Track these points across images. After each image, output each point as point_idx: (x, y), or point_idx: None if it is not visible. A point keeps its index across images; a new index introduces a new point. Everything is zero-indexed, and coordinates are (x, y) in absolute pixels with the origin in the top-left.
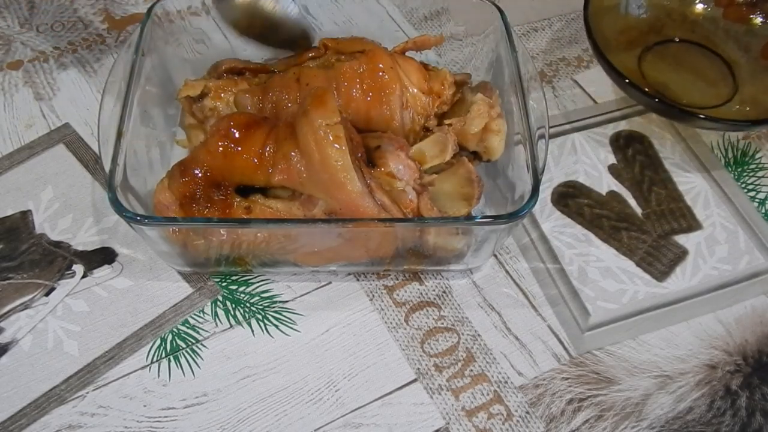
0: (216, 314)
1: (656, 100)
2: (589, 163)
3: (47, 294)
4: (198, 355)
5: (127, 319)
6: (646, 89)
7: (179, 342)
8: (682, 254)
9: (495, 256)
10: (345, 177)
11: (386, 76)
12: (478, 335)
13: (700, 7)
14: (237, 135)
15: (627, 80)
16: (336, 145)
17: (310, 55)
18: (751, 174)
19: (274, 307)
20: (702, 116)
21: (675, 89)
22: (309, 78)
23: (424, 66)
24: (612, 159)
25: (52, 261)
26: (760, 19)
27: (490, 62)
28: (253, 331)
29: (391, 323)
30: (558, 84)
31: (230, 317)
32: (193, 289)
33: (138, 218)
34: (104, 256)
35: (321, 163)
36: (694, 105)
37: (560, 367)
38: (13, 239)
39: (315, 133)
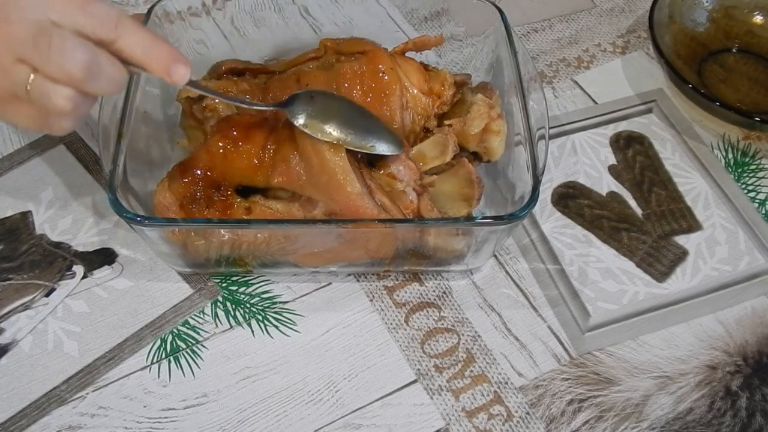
0: (216, 315)
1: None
2: (589, 163)
3: (47, 295)
4: (198, 355)
5: (127, 320)
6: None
7: (179, 343)
8: (682, 255)
9: (495, 256)
10: (344, 179)
11: (386, 77)
12: (478, 336)
13: (759, 18)
14: (237, 136)
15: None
16: (332, 149)
17: (311, 56)
18: (751, 175)
19: (274, 308)
20: None
21: (733, 97)
22: (309, 79)
23: (424, 67)
24: (612, 159)
25: (53, 262)
26: None
27: (490, 63)
28: (253, 331)
29: (391, 324)
30: (558, 85)
31: (230, 318)
32: (193, 289)
33: (138, 219)
34: (104, 257)
35: (319, 165)
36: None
37: (560, 367)
38: (14, 240)
39: (311, 137)
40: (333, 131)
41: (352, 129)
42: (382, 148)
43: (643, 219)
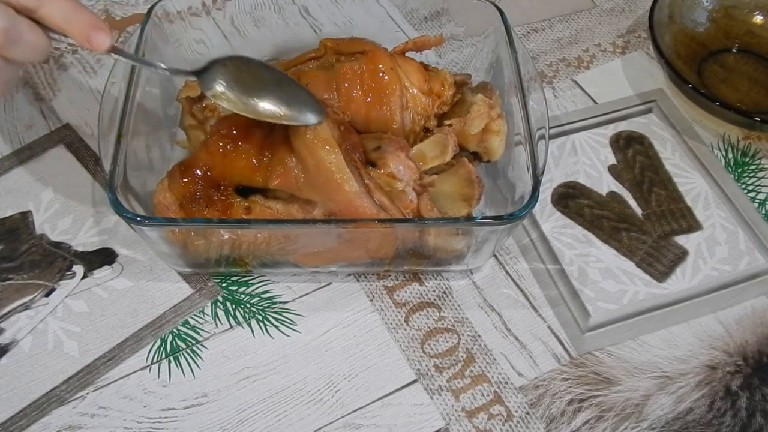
0: (216, 315)
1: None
2: (589, 163)
3: (47, 295)
4: (198, 355)
5: (127, 320)
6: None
7: (179, 343)
8: (682, 255)
9: (495, 256)
10: (340, 178)
11: (386, 77)
12: (478, 336)
13: (759, 18)
14: (237, 136)
15: (702, 91)
16: (327, 147)
17: (311, 56)
18: (751, 175)
19: (274, 308)
20: None
21: (733, 97)
22: (309, 79)
23: (424, 66)
24: (612, 159)
25: (53, 262)
26: None
27: (490, 63)
28: (253, 331)
29: (391, 324)
30: (558, 84)
31: (230, 318)
32: (193, 289)
33: (138, 219)
34: (104, 257)
35: (315, 166)
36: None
37: (560, 367)
38: (14, 240)
39: (304, 138)
40: (247, 100)
41: (269, 97)
42: (303, 117)
43: (643, 219)
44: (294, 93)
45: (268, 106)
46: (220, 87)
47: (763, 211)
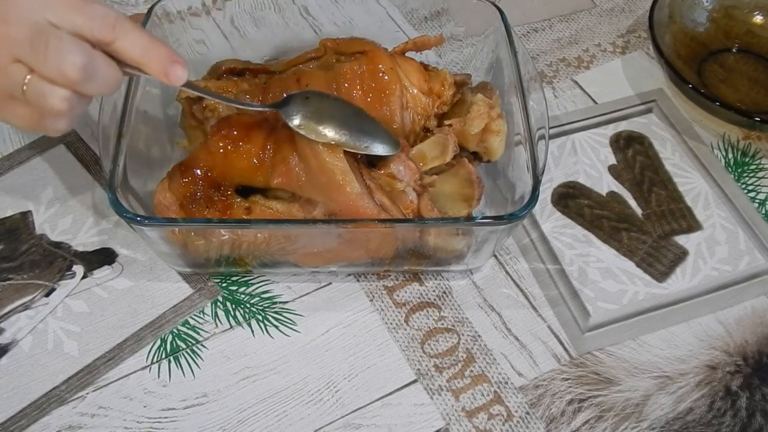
0: (216, 315)
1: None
2: (589, 163)
3: (47, 294)
4: (198, 355)
5: (127, 320)
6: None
7: (179, 343)
8: (682, 255)
9: (495, 256)
10: (343, 179)
11: (386, 77)
12: (478, 336)
13: (759, 18)
14: (237, 136)
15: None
16: (330, 149)
17: (311, 56)
18: (751, 175)
19: (274, 308)
20: None
21: (733, 97)
22: (309, 79)
23: (424, 66)
24: (612, 159)
25: (52, 262)
26: None
27: (490, 63)
28: (253, 331)
29: (391, 324)
30: (558, 84)
31: (230, 318)
32: (193, 289)
33: (138, 219)
34: (104, 257)
35: (319, 166)
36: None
37: (560, 367)
38: (14, 240)
39: (308, 137)
40: (328, 132)
41: (348, 129)
42: (378, 148)
43: (643, 219)
44: (370, 126)
45: (343, 138)
46: (300, 119)
47: (763, 211)
